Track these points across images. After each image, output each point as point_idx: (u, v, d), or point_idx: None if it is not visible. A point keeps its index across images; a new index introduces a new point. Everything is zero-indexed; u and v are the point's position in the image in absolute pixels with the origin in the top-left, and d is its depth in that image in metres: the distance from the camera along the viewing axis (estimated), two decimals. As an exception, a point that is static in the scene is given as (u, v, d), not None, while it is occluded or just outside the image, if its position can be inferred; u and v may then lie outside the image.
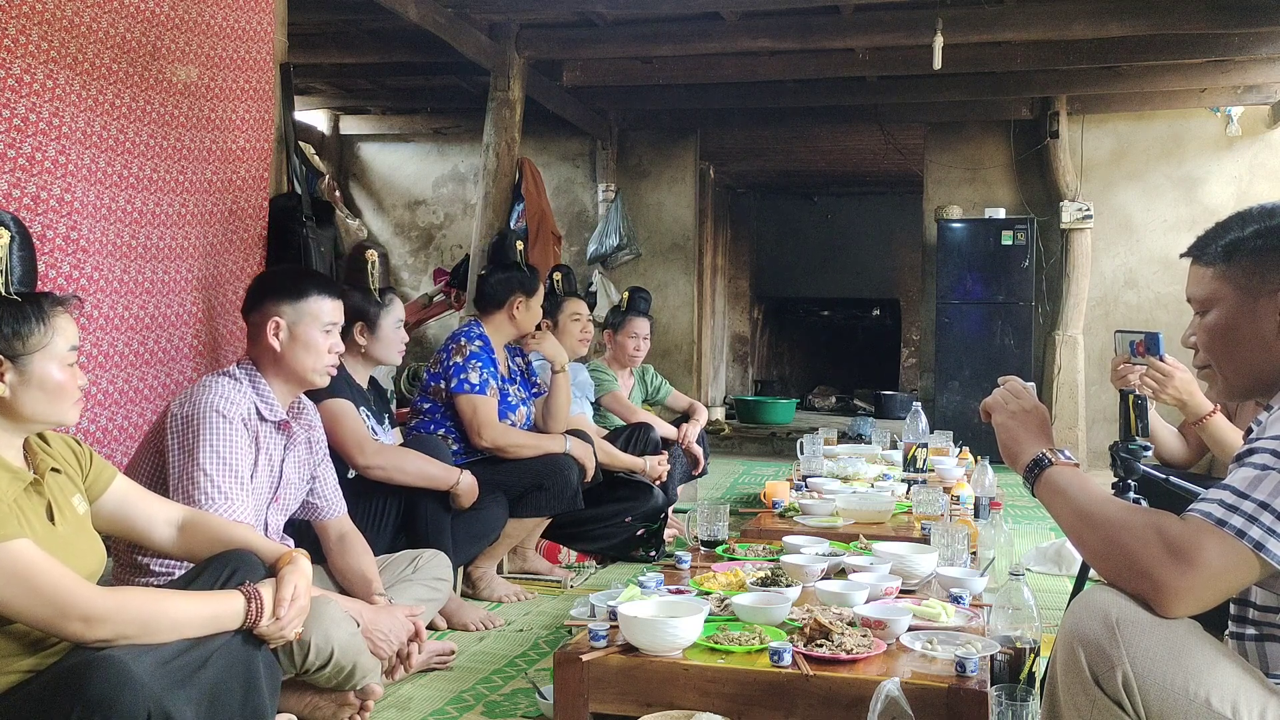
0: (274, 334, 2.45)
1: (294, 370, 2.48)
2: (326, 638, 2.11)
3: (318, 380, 2.52)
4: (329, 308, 2.52)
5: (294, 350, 2.46)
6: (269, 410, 2.46)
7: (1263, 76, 6.53)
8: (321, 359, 2.49)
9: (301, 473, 2.60)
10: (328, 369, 2.52)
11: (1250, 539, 1.34)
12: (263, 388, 2.46)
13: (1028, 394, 1.76)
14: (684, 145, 8.24)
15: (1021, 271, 7.29)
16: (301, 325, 2.47)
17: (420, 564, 2.91)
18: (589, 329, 4.39)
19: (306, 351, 2.47)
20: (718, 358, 10.87)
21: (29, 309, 1.71)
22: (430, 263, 8.39)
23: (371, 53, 6.17)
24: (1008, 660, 2.11)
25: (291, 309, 2.47)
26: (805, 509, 3.56)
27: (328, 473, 2.70)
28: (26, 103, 2.65)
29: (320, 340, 2.49)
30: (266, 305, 2.49)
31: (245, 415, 2.38)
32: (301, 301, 2.49)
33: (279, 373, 2.49)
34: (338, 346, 2.54)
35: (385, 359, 3.24)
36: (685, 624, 2.13)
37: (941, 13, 5.31)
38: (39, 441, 1.80)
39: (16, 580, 1.57)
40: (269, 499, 2.48)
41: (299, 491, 2.61)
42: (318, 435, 2.68)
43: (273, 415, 2.46)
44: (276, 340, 2.45)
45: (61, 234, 2.76)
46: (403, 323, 3.28)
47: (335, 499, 2.72)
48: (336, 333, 2.54)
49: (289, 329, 2.46)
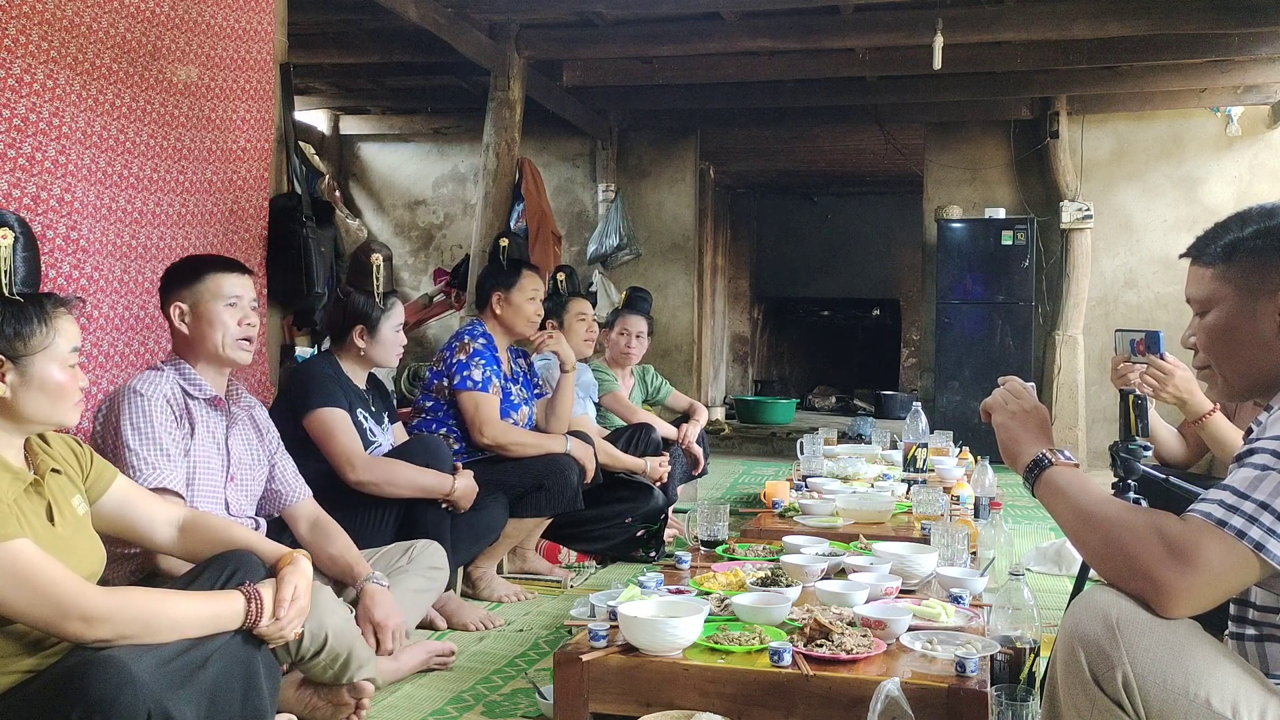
0: (179, 319, 2.47)
1: (207, 349, 2.48)
2: (320, 624, 2.11)
3: (234, 355, 2.50)
4: (230, 282, 2.51)
5: (199, 329, 2.47)
6: (196, 389, 2.47)
7: (1263, 76, 6.53)
8: (229, 332, 2.48)
9: (255, 453, 2.61)
10: (239, 343, 2.50)
11: (1250, 539, 1.34)
12: (187, 371, 2.48)
13: (1028, 394, 1.76)
14: (684, 145, 8.24)
15: (1021, 271, 7.29)
16: (201, 304, 2.47)
17: (415, 554, 2.91)
18: (594, 329, 4.38)
19: (211, 327, 2.46)
20: (718, 358, 10.87)
21: (31, 310, 1.72)
22: (430, 263, 8.39)
23: (371, 53, 6.17)
24: (1008, 660, 2.11)
25: (189, 291, 2.48)
26: (805, 509, 3.56)
27: (285, 459, 2.73)
28: (26, 103, 2.65)
29: (224, 314, 2.47)
30: (168, 295, 2.51)
31: (169, 395, 2.41)
32: (197, 282, 2.49)
33: (198, 357, 2.49)
34: (249, 319, 2.52)
35: (383, 362, 3.24)
36: (685, 624, 2.13)
37: (941, 13, 5.31)
38: (39, 442, 1.81)
39: (16, 580, 1.57)
40: (224, 478, 2.49)
41: (257, 473, 2.62)
42: (264, 420, 2.69)
43: (201, 393, 2.47)
44: (183, 324, 2.47)
45: (61, 234, 2.76)
46: (402, 325, 3.29)
47: (298, 483, 2.74)
48: (245, 306, 2.52)
49: (190, 310, 2.47)
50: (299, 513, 2.72)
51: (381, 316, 3.20)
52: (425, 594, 2.91)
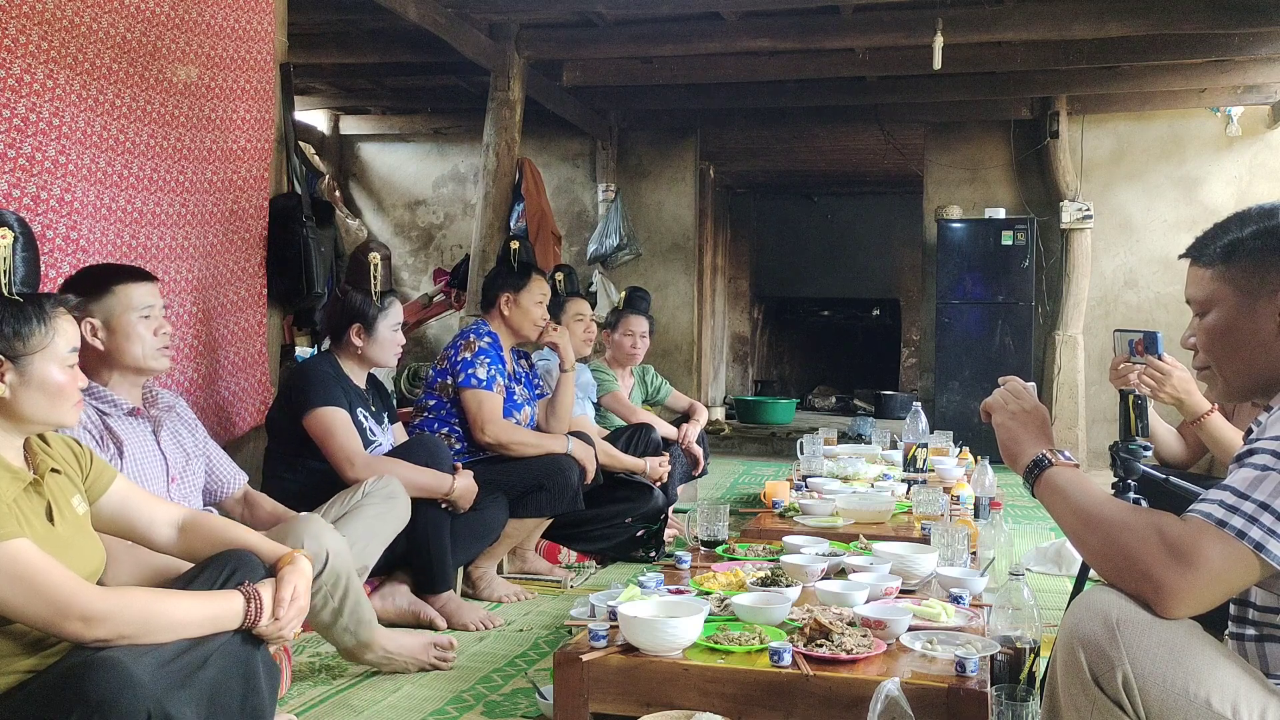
0: (92, 335, 2.38)
1: (125, 363, 2.42)
2: (319, 544, 2.25)
3: (156, 365, 2.46)
4: (139, 292, 2.44)
5: (115, 344, 2.40)
6: (110, 407, 2.41)
7: (1263, 76, 6.53)
8: (148, 343, 2.43)
9: (188, 448, 2.59)
10: (160, 352, 2.46)
11: (1250, 539, 1.34)
12: (98, 390, 2.40)
13: (1028, 394, 1.76)
14: (684, 145, 8.24)
15: (1021, 271, 7.29)
16: (114, 319, 2.41)
17: (367, 488, 2.88)
18: (592, 329, 4.39)
19: (129, 340, 2.41)
20: (718, 358, 10.87)
21: (30, 309, 1.72)
22: (430, 263, 8.39)
23: (371, 53, 6.17)
24: (1008, 660, 2.11)
25: (98, 305, 2.40)
26: (805, 509, 3.56)
27: (215, 450, 2.72)
28: (26, 103, 2.65)
29: (139, 326, 2.42)
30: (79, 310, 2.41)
31: (86, 422, 2.33)
32: (107, 295, 2.41)
33: (112, 369, 2.43)
34: (164, 328, 2.48)
35: (380, 361, 3.25)
36: (685, 624, 2.12)
37: (941, 13, 5.32)
38: (39, 442, 1.81)
39: (16, 580, 1.57)
40: (166, 482, 2.48)
41: (195, 465, 2.60)
42: (187, 413, 2.67)
43: (118, 409, 2.42)
44: (97, 340, 2.39)
45: (61, 234, 2.76)
46: (400, 325, 3.29)
47: (233, 473, 2.73)
48: (158, 315, 2.47)
49: (104, 325, 2.40)
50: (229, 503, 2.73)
51: (378, 315, 3.20)
52: (384, 518, 2.87)
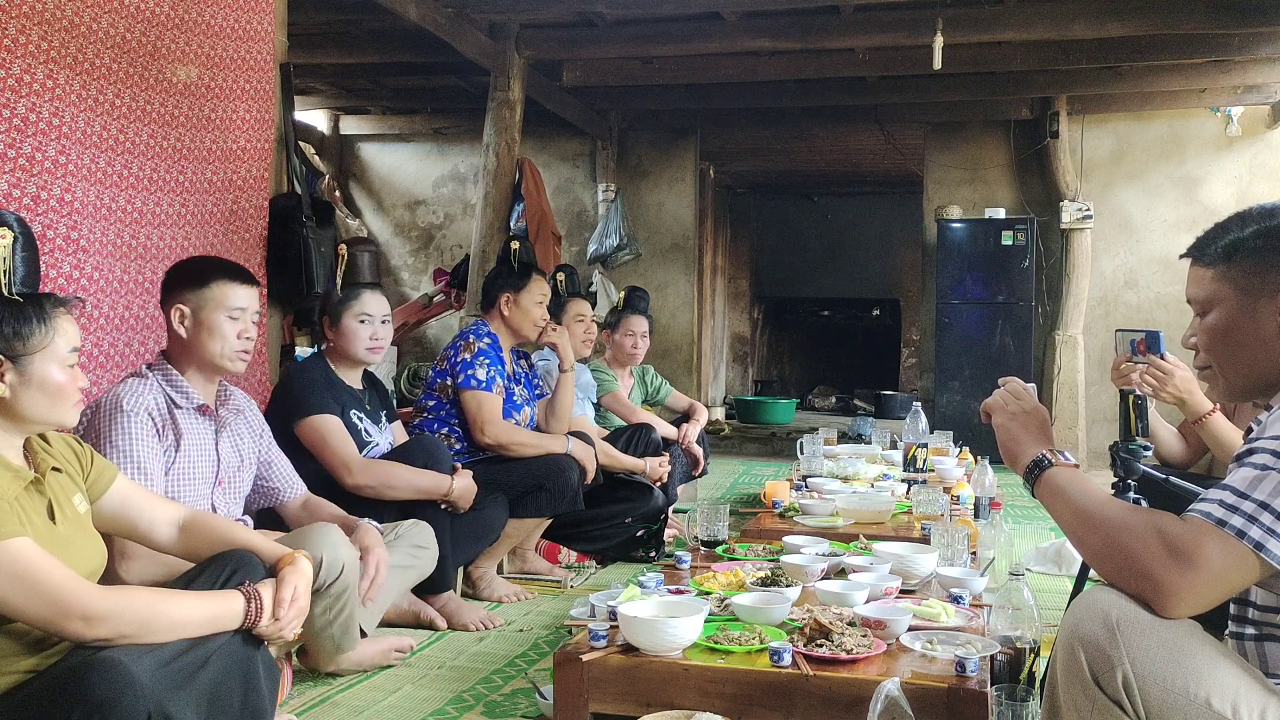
0: (179, 322, 2.43)
1: (202, 357, 2.45)
2: (335, 554, 2.31)
3: (230, 366, 2.48)
4: (235, 293, 2.48)
5: (199, 336, 2.44)
6: (184, 399, 2.44)
7: (1263, 76, 6.53)
8: (228, 344, 2.46)
9: (245, 454, 2.60)
10: (238, 354, 2.49)
11: (1250, 539, 1.34)
12: (175, 379, 2.44)
13: (1028, 395, 1.76)
14: (684, 145, 8.24)
15: (1021, 271, 7.29)
16: (205, 311, 2.44)
17: (401, 532, 2.90)
18: (592, 329, 4.39)
19: (211, 337, 2.44)
20: (718, 358, 10.87)
21: (30, 309, 1.71)
22: (430, 263, 8.39)
23: (371, 53, 6.18)
24: (1008, 660, 2.11)
25: (194, 296, 2.44)
26: (805, 509, 3.56)
27: (278, 456, 2.72)
28: (26, 103, 2.65)
29: (225, 325, 2.45)
30: (171, 295, 2.47)
31: (153, 407, 2.37)
32: (204, 288, 2.45)
33: (191, 361, 2.46)
34: (248, 332, 2.50)
35: (353, 354, 3.16)
36: (685, 624, 2.12)
37: (941, 13, 5.31)
38: (40, 441, 1.81)
39: (16, 578, 1.57)
40: (212, 483, 2.49)
41: (246, 474, 2.61)
42: (257, 421, 2.68)
43: (188, 402, 2.44)
44: (182, 328, 2.43)
45: (61, 234, 2.76)
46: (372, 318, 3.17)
47: (294, 479, 2.74)
48: (248, 319, 2.50)
49: (192, 315, 2.44)
50: (294, 505, 2.73)
51: (340, 304, 3.14)
52: (409, 570, 2.89)
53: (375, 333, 3.18)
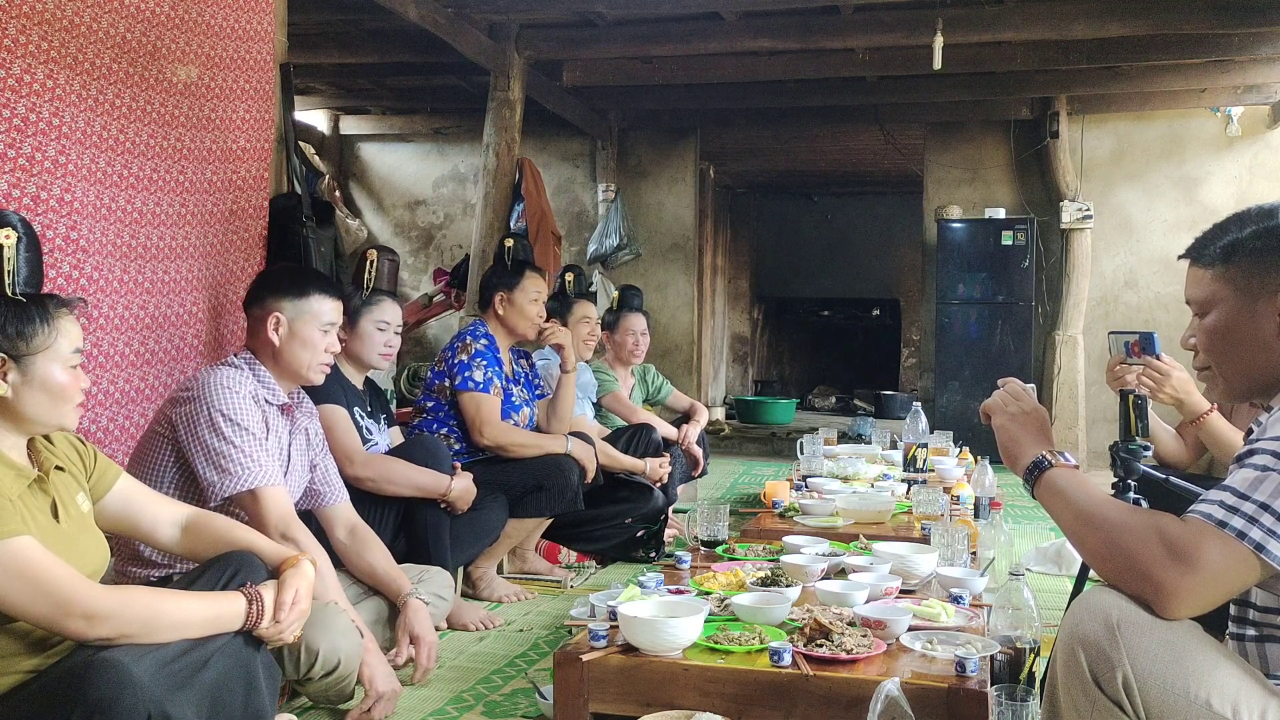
0: (274, 329, 2.52)
1: (290, 365, 2.55)
2: (334, 647, 2.15)
3: (313, 377, 2.58)
4: (329, 308, 2.60)
5: (292, 346, 2.54)
6: (270, 394, 2.53)
7: (1263, 76, 6.53)
8: (318, 356, 2.56)
9: (304, 459, 2.66)
10: (322, 366, 2.59)
11: (1251, 540, 1.34)
12: (262, 374, 2.54)
13: (1028, 396, 1.76)
14: (684, 145, 8.24)
15: (1021, 271, 7.29)
16: (300, 322, 2.54)
17: (426, 577, 2.92)
18: (596, 331, 4.40)
19: (304, 348, 2.54)
20: (718, 358, 10.87)
21: (33, 310, 1.71)
22: (430, 263, 8.39)
23: (371, 53, 6.17)
24: (1008, 660, 2.11)
25: (292, 306, 2.55)
26: (805, 509, 3.56)
27: (329, 461, 2.77)
28: (26, 103, 2.65)
29: (318, 338, 2.56)
30: (268, 301, 2.56)
31: (253, 394, 2.46)
32: (303, 300, 2.56)
33: (275, 367, 2.56)
34: (334, 346, 2.61)
35: (365, 358, 3.21)
36: (685, 624, 2.13)
37: (941, 13, 5.32)
38: (43, 440, 1.81)
39: (18, 577, 1.57)
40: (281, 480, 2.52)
41: (301, 478, 2.66)
42: (316, 426, 2.75)
43: (275, 399, 2.54)
44: (276, 335, 2.53)
45: (61, 234, 2.76)
46: (389, 326, 3.23)
47: (338, 485, 2.78)
48: (334, 333, 2.61)
49: (289, 325, 2.53)
50: (336, 515, 2.75)
51: (362, 307, 3.19)
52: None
53: (389, 340, 3.26)
